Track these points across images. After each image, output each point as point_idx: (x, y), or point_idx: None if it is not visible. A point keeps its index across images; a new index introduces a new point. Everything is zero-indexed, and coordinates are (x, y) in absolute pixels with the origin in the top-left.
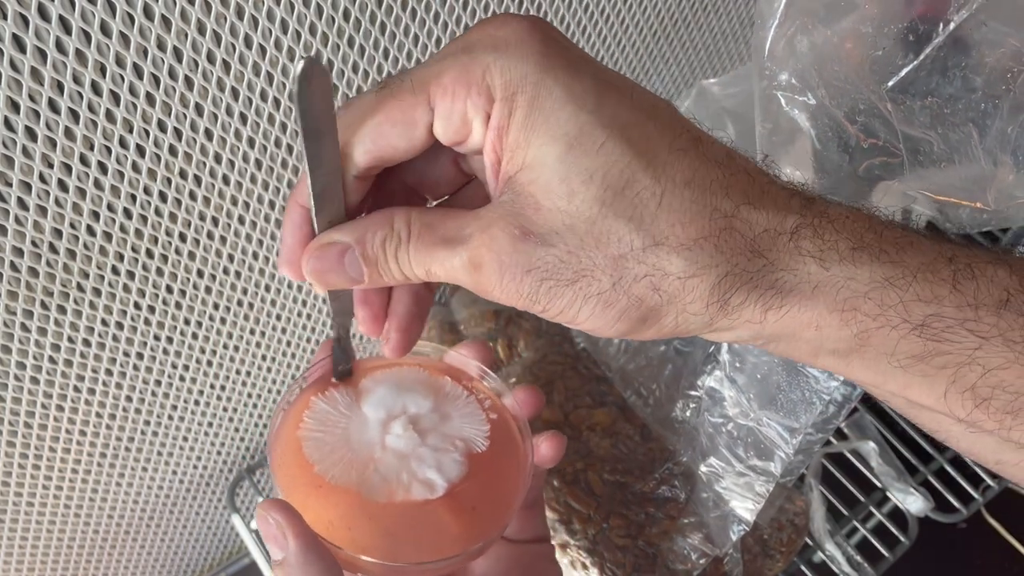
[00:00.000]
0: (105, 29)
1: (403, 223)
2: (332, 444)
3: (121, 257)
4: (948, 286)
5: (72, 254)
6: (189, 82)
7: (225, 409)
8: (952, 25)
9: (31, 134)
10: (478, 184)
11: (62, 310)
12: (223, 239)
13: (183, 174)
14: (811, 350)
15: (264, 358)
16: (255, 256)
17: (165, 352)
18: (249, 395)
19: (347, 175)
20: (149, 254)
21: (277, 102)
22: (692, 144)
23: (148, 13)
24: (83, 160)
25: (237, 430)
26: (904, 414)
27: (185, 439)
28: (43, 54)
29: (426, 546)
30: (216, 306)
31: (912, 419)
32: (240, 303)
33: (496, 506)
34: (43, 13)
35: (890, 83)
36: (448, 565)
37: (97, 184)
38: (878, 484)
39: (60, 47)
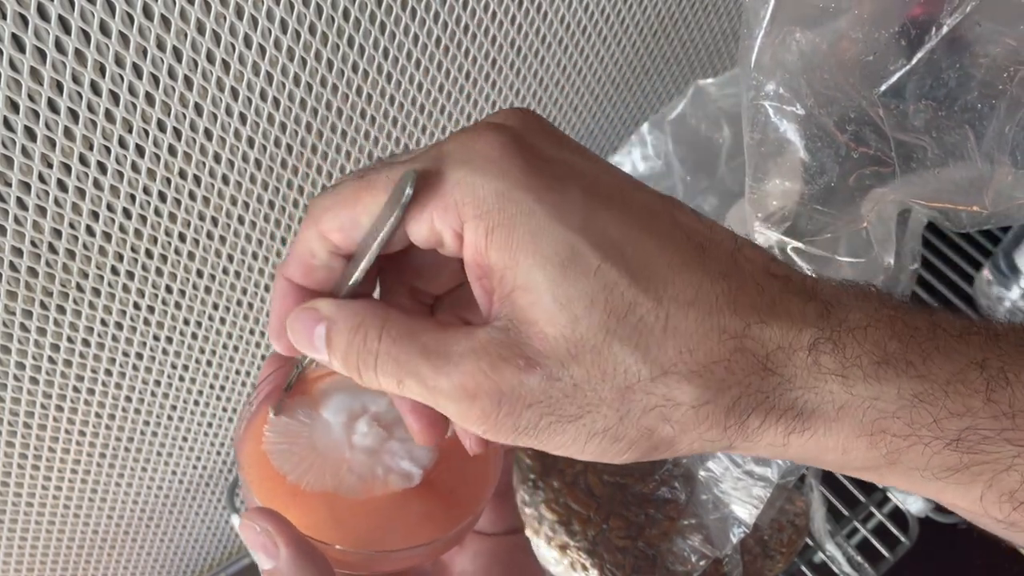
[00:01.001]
0: (104, 29)
1: (376, 319)
2: (300, 453)
3: (121, 257)
4: (982, 397)
5: (71, 254)
6: (188, 82)
7: (225, 409)
8: (945, 28)
9: (30, 134)
10: None
11: (61, 310)
12: (223, 239)
13: (183, 174)
14: (837, 467)
15: (263, 358)
16: (255, 256)
17: (165, 352)
18: (248, 395)
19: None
20: (149, 254)
21: (277, 102)
22: (694, 255)
23: (147, 13)
24: (82, 160)
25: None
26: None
27: (184, 439)
28: (42, 54)
29: (411, 533)
30: (216, 306)
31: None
32: (240, 303)
33: (474, 484)
34: (42, 13)
35: (882, 88)
36: (434, 548)
37: (96, 184)
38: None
39: (59, 47)
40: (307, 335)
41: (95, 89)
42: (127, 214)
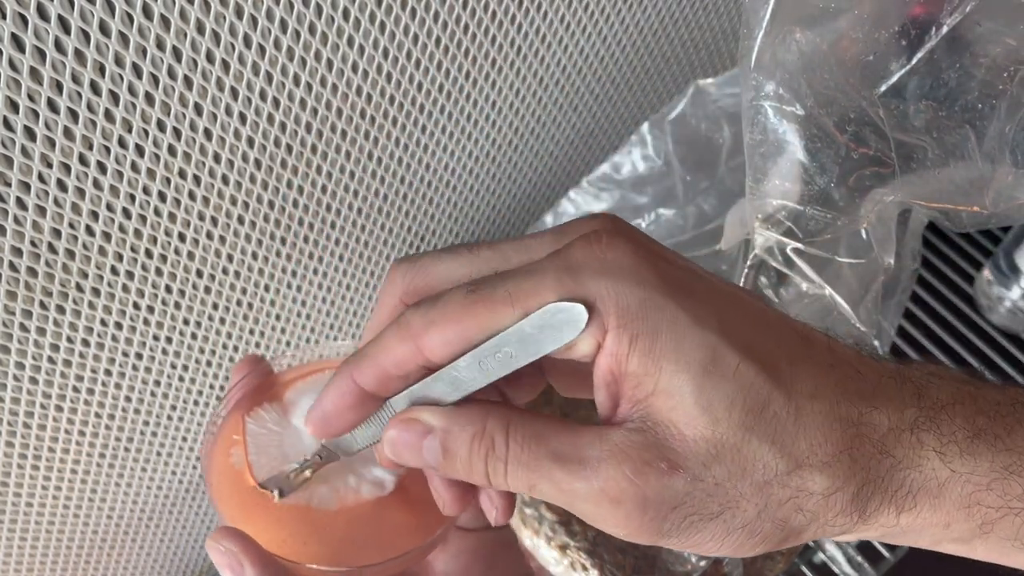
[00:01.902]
0: (104, 28)
1: (499, 426)
2: (271, 463)
3: (120, 257)
4: None
5: (71, 254)
6: (188, 82)
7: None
8: (945, 28)
9: (30, 134)
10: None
11: (61, 310)
12: (223, 239)
13: (183, 174)
14: (934, 542)
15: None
16: (255, 256)
17: (164, 352)
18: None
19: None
20: (148, 254)
21: (277, 102)
22: (803, 349)
23: (147, 12)
24: (82, 160)
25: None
26: None
27: (184, 439)
28: (42, 53)
29: (387, 544)
30: (215, 306)
31: None
32: (240, 303)
33: None
34: (42, 12)
35: (882, 88)
36: (411, 558)
37: (96, 184)
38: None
39: (59, 46)
40: (415, 448)
41: (95, 89)
42: (127, 214)
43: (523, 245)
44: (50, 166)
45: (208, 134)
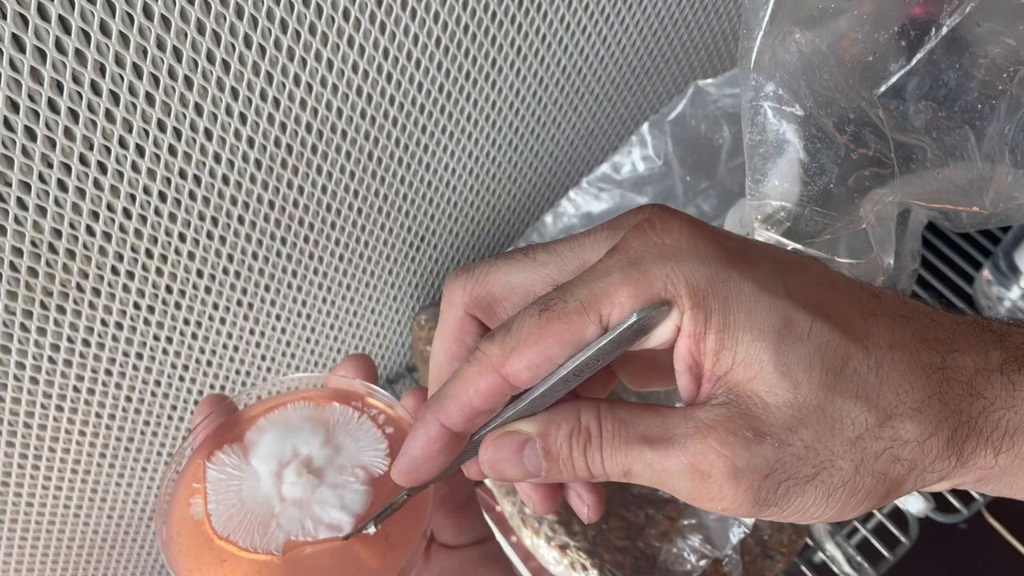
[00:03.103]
0: (104, 29)
1: (592, 417)
2: (229, 510)
3: (121, 257)
4: None
5: (71, 254)
6: (189, 82)
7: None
8: (945, 28)
9: (30, 134)
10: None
11: (62, 310)
12: (223, 239)
13: (183, 174)
14: None
15: (264, 358)
16: (255, 256)
17: (165, 352)
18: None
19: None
20: (149, 254)
21: (277, 102)
22: (875, 304)
23: (147, 13)
24: (82, 160)
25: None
26: None
27: (184, 439)
28: (42, 54)
29: None
30: (216, 306)
31: None
32: (240, 303)
33: (408, 526)
34: (42, 13)
35: (881, 89)
36: None
37: (96, 184)
38: None
39: (59, 47)
40: (516, 459)
41: (95, 89)
42: (127, 214)
43: (577, 244)
44: (51, 166)
45: (208, 134)
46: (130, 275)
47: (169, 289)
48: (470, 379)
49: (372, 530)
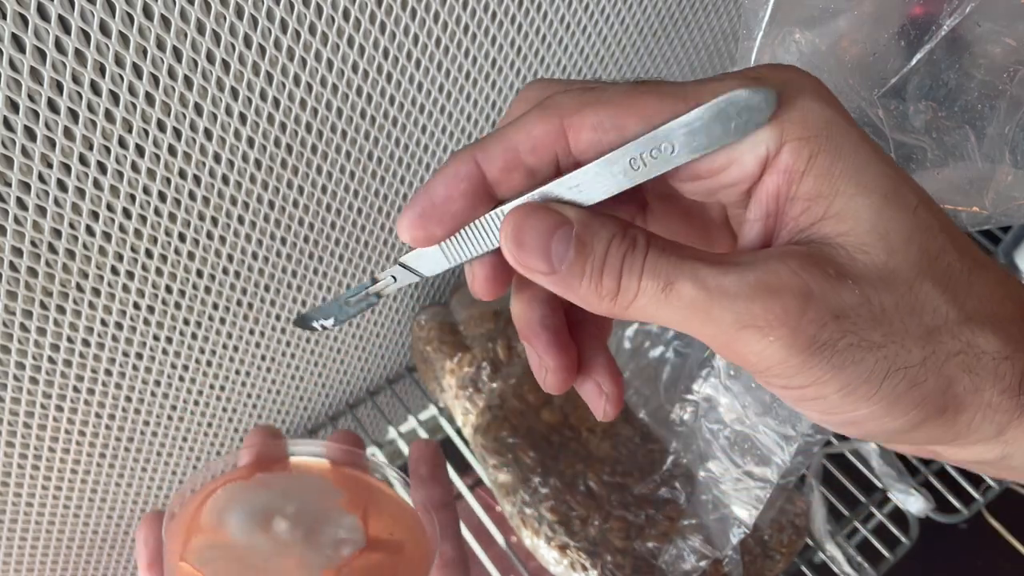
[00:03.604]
0: (104, 29)
1: (640, 232)
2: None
3: (121, 257)
4: None
5: (71, 254)
6: (188, 82)
7: (224, 409)
8: (945, 28)
9: (30, 134)
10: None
11: (61, 310)
12: (223, 239)
13: (183, 174)
14: None
15: (264, 358)
16: (255, 256)
17: (165, 352)
18: (248, 395)
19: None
20: (149, 254)
21: (277, 102)
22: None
23: (147, 13)
24: (82, 160)
25: (236, 430)
26: None
27: (184, 439)
28: (42, 54)
29: None
30: (216, 306)
31: None
32: (240, 303)
33: (418, 533)
34: (42, 12)
35: (882, 89)
36: None
37: (96, 184)
38: (879, 484)
39: (59, 47)
40: (544, 236)
41: (95, 89)
42: (127, 214)
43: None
44: (50, 166)
45: (208, 134)
46: (130, 275)
47: (169, 289)
48: (527, 120)
49: (331, 324)
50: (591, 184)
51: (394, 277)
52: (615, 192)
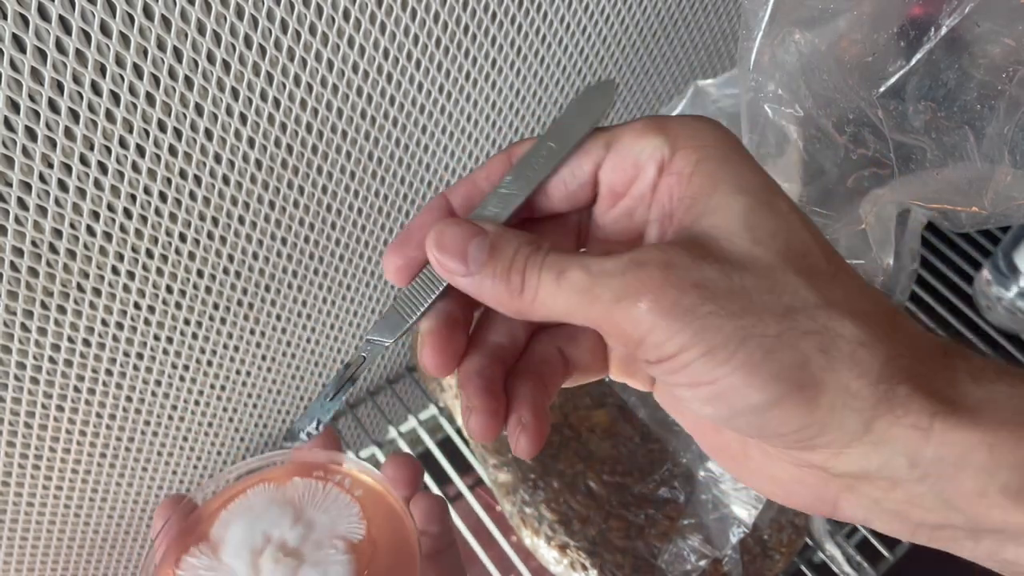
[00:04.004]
0: (105, 29)
1: (546, 243)
2: None
3: (121, 257)
4: None
5: (72, 254)
6: (189, 82)
7: (225, 409)
8: (944, 28)
9: (31, 134)
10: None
11: (62, 310)
12: (223, 239)
13: (183, 174)
14: (978, 486)
15: (264, 358)
16: (255, 256)
17: (165, 352)
18: (249, 395)
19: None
20: (149, 254)
21: (277, 102)
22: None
23: (148, 13)
24: (83, 160)
25: (237, 430)
26: None
27: (185, 439)
28: (43, 54)
29: None
30: (216, 306)
31: None
32: (240, 303)
33: None
34: (43, 13)
35: (881, 89)
36: None
37: (97, 184)
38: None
39: (60, 47)
40: (462, 240)
41: (96, 89)
42: (128, 214)
43: None
44: (51, 166)
45: (209, 134)
46: (130, 275)
47: (169, 289)
48: (487, 162)
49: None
50: (506, 200)
51: (363, 356)
52: (527, 195)
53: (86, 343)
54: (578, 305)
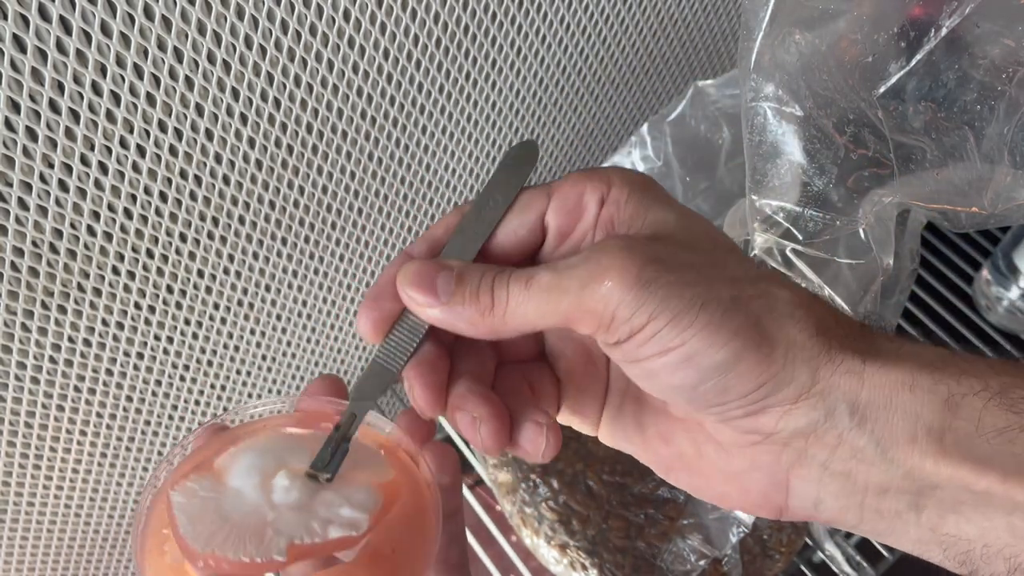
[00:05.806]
0: (106, 29)
1: (509, 268)
2: (209, 527)
3: (121, 257)
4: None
5: (72, 254)
6: (189, 82)
7: (224, 409)
8: (944, 29)
9: (32, 134)
10: None
11: (62, 310)
12: (223, 239)
13: (183, 174)
14: (908, 428)
15: (264, 358)
16: (255, 256)
17: (165, 352)
18: (249, 395)
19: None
20: (149, 254)
21: (277, 102)
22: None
23: (148, 14)
24: (83, 160)
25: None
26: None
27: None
28: (44, 54)
29: None
30: (216, 306)
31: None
32: (240, 303)
33: (417, 537)
34: (44, 13)
35: (881, 89)
36: None
37: (97, 184)
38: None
39: (61, 47)
40: (430, 278)
41: (96, 90)
42: (128, 214)
43: None
44: (52, 166)
45: (209, 134)
46: (131, 275)
47: (169, 289)
48: (445, 216)
49: (327, 479)
50: (467, 239)
51: (355, 414)
52: (486, 235)
53: (86, 343)
54: (548, 303)
